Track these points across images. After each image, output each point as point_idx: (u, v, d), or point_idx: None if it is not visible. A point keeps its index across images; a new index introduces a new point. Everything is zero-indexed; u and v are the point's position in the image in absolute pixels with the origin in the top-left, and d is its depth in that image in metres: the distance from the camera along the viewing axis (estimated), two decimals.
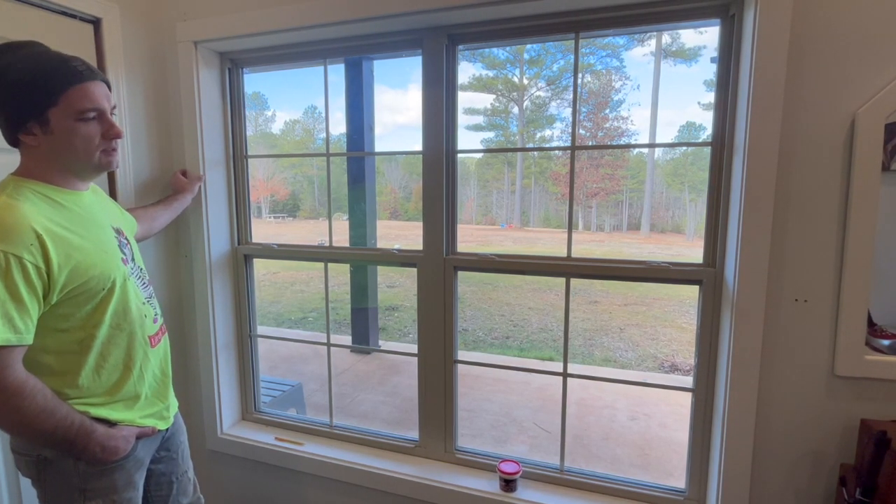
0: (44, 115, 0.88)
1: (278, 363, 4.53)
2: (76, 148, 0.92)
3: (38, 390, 0.86)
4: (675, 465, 2.83)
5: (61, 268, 0.88)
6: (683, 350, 5.62)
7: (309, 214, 17.15)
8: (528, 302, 7.78)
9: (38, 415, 0.86)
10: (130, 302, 1.02)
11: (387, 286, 8.54)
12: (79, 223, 0.95)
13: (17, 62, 0.87)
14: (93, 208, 1.02)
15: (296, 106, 20.40)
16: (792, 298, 1.16)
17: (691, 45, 16.87)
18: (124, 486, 1.02)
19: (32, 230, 0.85)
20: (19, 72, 0.86)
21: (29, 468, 0.98)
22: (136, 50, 1.60)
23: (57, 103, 0.88)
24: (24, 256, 0.83)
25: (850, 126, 1.08)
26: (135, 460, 1.04)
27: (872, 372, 1.12)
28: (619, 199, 19.30)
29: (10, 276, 0.82)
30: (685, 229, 18.14)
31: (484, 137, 19.68)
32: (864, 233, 1.08)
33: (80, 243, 0.93)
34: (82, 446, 0.93)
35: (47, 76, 0.87)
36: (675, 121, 25.37)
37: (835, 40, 1.07)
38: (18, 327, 0.83)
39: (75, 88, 0.89)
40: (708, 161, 1.30)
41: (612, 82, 17.92)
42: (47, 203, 0.92)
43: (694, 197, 18.21)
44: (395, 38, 1.50)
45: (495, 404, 3.67)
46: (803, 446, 1.20)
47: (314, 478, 1.70)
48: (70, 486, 0.96)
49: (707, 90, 17.11)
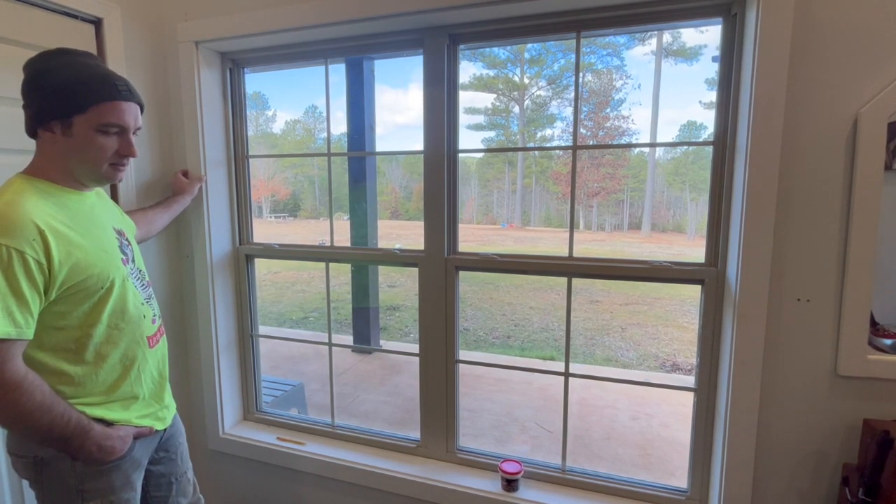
0: (69, 118, 0.91)
1: (280, 363, 4.54)
2: (88, 156, 0.94)
3: (36, 386, 0.86)
4: (677, 465, 2.83)
5: (62, 264, 0.88)
6: (685, 350, 5.61)
7: (309, 214, 17.16)
8: (529, 301, 7.78)
9: (36, 410, 0.86)
10: (129, 302, 1.02)
11: (388, 286, 8.55)
12: (81, 222, 0.96)
13: (64, 66, 0.91)
14: (95, 209, 1.03)
15: (296, 106, 20.43)
16: (794, 298, 1.16)
17: (692, 44, 16.84)
18: (121, 487, 1.02)
19: (35, 225, 0.85)
20: (63, 75, 0.90)
21: (27, 469, 0.98)
22: (137, 50, 1.60)
23: (85, 111, 0.91)
24: (26, 251, 0.83)
25: (852, 125, 1.07)
26: (132, 461, 1.04)
27: (875, 372, 1.12)
28: (619, 198, 19.28)
29: (12, 270, 0.82)
30: (686, 228, 18.12)
31: (485, 137, 19.68)
32: (866, 232, 1.08)
33: (81, 241, 0.94)
34: (78, 444, 0.92)
35: (86, 86, 0.90)
36: (676, 120, 25.33)
37: (837, 39, 1.07)
38: (18, 321, 0.84)
39: (107, 104, 0.92)
40: (709, 160, 1.29)
41: (612, 81, 17.90)
42: (51, 201, 0.93)
43: (695, 196, 18.19)
44: (397, 37, 1.50)
45: (497, 404, 3.67)
46: (806, 446, 1.20)
47: (316, 478, 1.70)
48: (67, 486, 0.96)
49: (708, 89, 17.09)
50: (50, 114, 0.90)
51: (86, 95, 0.90)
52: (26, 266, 0.83)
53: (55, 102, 0.90)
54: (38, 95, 0.91)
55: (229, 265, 1.80)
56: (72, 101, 0.90)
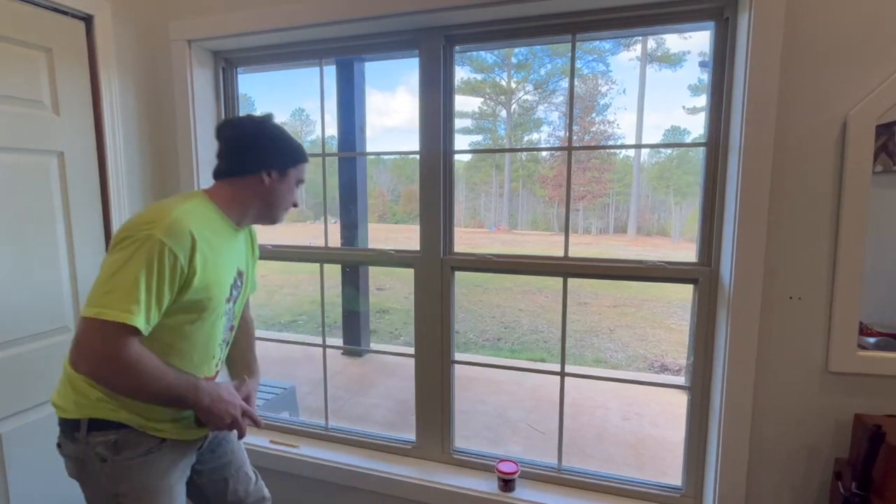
0: (285, 170, 1.08)
1: (269, 367, 4.48)
2: (282, 201, 1.11)
3: (152, 359, 0.90)
4: (669, 464, 2.85)
5: (197, 277, 0.93)
6: (672, 351, 5.68)
7: (297, 217, 17.04)
8: (518, 304, 7.80)
9: (152, 380, 0.89)
10: (210, 338, 1.05)
11: (376, 289, 8.50)
12: (221, 250, 1.02)
13: (276, 128, 1.09)
14: (235, 245, 1.09)
15: (283, 108, 20.24)
16: (787, 296, 1.18)
17: (676, 49, 17.10)
18: (158, 489, 1.01)
19: (190, 233, 0.92)
20: (280, 134, 1.08)
21: (73, 469, 1.00)
22: (128, 48, 1.58)
23: (296, 167, 1.10)
24: (179, 255, 0.89)
25: (842, 127, 1.10)
26: (166, 461, 1.02)
27: (865, 367, 1.14)
28: (605, 202, 19.45)
29: (162, 268, 0.87)
30: (671, 232, 18.37)
31: (472, 140, 19.70)
32: (855, 232, 1.11)
33: (215, 264, 0.99)
34: (194, 398, 0.96)
35: (298, 148, 1.11)
36: (661, 124, 25.62)
37: (827, 43, 1.10)
38: (149, 318, 0.87)
39: (303, 164, 1.13)
40: (693, 165, 1.33)
41: (598, 86, 18.09)
42: (214, 223, 1.01)
43: (679, 200, 18.42)
44: (391, 38, 1.50)
45: (489, 406, 3.67)
46: (798, 441, 1.22)
47: (310, 480, 1.68)
48: (103, 490, 0.98)
49: (692, 95, 17.33)
50: (270, 163, 1.06)
51: (298, 155, 1.10)
52: (173, 267, 0.88)
53: (278, 155, 1.07)
54: (261, 146, 1.05)
55: None
56: (291, 157, 1.09)
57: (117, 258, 0.86)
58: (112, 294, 0.84)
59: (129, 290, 0.84)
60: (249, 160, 1.06)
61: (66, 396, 0.97)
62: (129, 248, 0.86)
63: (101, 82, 1.50)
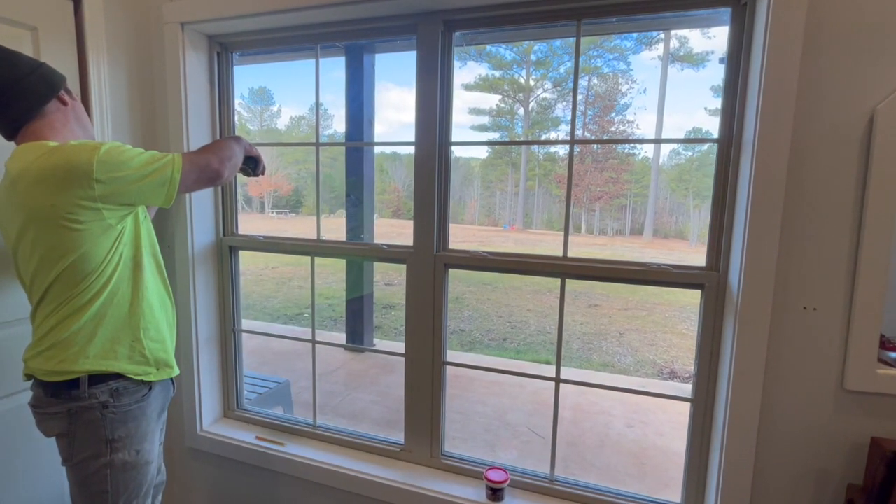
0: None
1: (271, 359, 4.46)
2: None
3: (202, 157, 1.17)
4: (672, 476, 2.75)
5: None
6: (683, 357, 5.53)
7: (311, 210, 17.10)
8: (526, 304, 7.70)
9: (225, 159, 1.20)
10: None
11: (384, 284, 8.47)
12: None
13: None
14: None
15: (302, 102, 20.28)
16: (800, 306, 1.09)
17: (699, 49, 16.74)
18: (144, 435, 1.11)
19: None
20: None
21: (59, 422, 1.04)
22: (118, 30, 1.54)
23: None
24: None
25: (868, 122, 1.00)
26: (154, 405, 1.15)
27: (885, 387, 1.05)
28: (622, 203, 19.17)
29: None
30: (689, 235, 18.02)
31: (489, 138, 19.60)
32: (880, 237, 1.01)
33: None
34: (247, 147, 1.34)
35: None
36: (682, 126, 25.10)
37: (853, 30, 1.00)
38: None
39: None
40: (714, 167, 1.22)
41: (618, 85, 17.80)
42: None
43: (698, 203, 18.07)
44: (389, 23, 1.44)
45: (489, 407, 3.60)
46: (808, 463, 1.13)
47: (294, 479, 1.64)
48: (98, 436, 1.04)
49: (714, 96, 16.96)
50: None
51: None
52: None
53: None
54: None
55: (212, 257, 1.74)
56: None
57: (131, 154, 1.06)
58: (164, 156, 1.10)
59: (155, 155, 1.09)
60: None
61: (62, 361, 1.03)
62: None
63: (90, 65, 1.46)
